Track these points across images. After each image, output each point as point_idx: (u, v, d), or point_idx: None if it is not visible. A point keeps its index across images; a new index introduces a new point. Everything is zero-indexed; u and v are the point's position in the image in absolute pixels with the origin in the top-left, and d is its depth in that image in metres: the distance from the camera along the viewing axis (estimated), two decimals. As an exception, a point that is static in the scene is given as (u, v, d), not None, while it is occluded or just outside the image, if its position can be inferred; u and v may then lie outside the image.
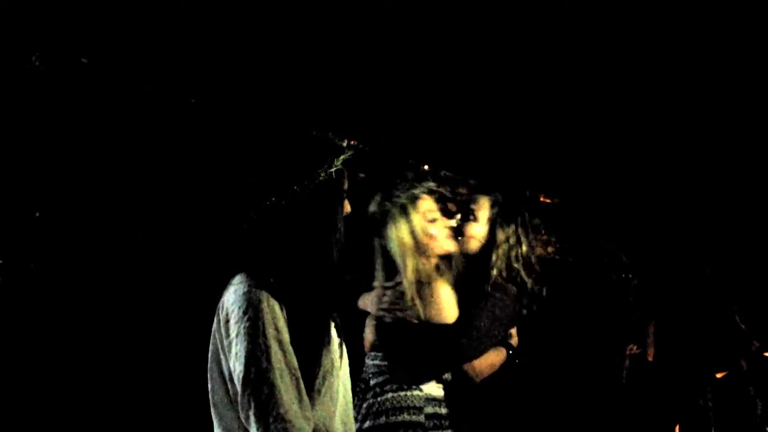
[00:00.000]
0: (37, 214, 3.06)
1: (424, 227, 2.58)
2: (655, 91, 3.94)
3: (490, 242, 2.76)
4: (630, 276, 4.02)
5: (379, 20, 3.54)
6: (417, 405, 2.39)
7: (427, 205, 2.61)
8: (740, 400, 3.93)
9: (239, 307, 1.78)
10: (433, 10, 3.50)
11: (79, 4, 3.26)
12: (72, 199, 3.15)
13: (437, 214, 2.63)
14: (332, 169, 1.99)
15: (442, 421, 2.45)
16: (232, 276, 1.87)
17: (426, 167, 3.87)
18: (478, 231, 2.77)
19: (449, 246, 2.64)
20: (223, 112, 3.53)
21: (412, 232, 2.55)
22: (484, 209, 2.79)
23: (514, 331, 2.80)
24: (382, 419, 2.34)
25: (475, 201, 2.82)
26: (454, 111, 3.97)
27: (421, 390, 2.42)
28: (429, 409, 2.42)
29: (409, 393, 2.40)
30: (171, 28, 3.42)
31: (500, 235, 2.74)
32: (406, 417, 2.36)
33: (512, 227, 2.77)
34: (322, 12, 3.51)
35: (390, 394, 2.40)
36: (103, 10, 3.30)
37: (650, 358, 4.08)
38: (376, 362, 2.49)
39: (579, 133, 4.06)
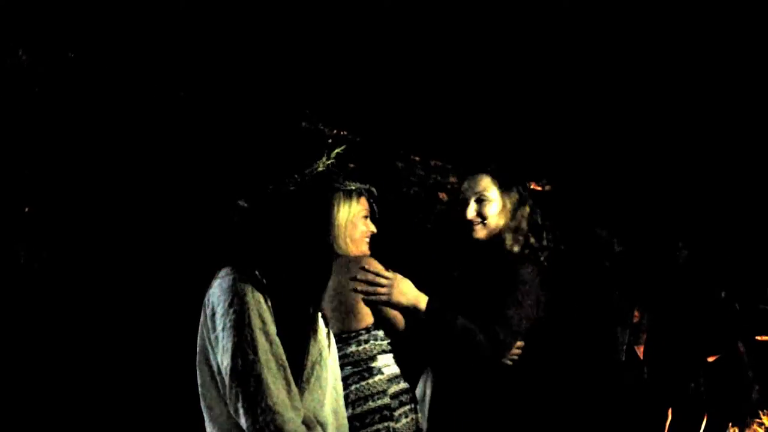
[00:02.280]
0: (26, 209, 3.06)
1: (354, 221, 2.54)
2: (649, 79, 3.93)
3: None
4: (614, 244, 4.02)
5: (369, 12, 3.53)
6: (381, 389, 2.41)
7: (363, 203, 2.56)
8: (733, 384, 3.95)
9: (225, 300, 1.79)
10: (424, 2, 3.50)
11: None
12: (58, 193, 3.15)
13: (364, 216, 2.58)
14: (327, 162, 2.00)
15: (406, 396, 2.48)
16: (218, 269, 1.87)
17: (416, 158, 3.86)
18: (495, 209, 2.77)
19: (364, 248, 2.60)
20: (215, 105, 3.52)
21: (346, 220, 2.53)
22: (491, 187, 2.79)
23: None
24: (349, 411, 2.35)
25: (476, 182, 2.80)
26: (445, 101, 3.96)
27: (382, 373, 2.44)
28: (393, 388, 2.45)
29: (371, 380, 2.41)
30: (160, 21, 3.41)
31: (507, 203, 2.76)
32: (371, 404, 2.37)
33: (515, 191, 2.79)
34: (314, 5, 3.49)
35: (353, 386, 2.39)
36: (90, 3, 3.29)
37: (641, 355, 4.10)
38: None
39: (570, 120, 4.06)
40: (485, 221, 2.76)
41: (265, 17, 3.52)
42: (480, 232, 2.76)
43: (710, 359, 3.98)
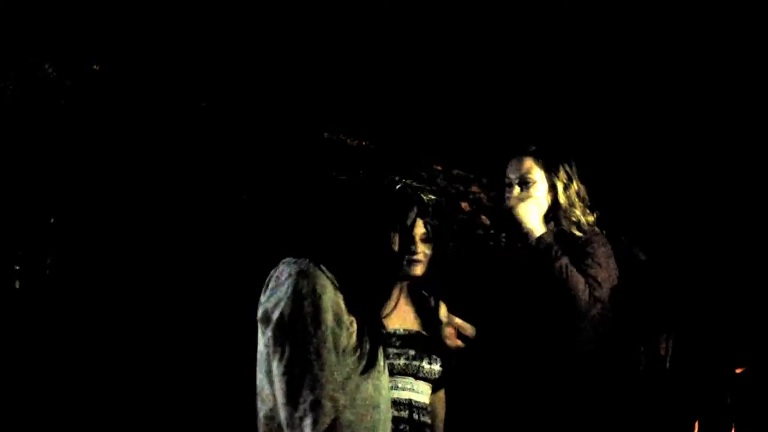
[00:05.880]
0: (52, 220, 3.12)
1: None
2: (670, 84, 3.90)
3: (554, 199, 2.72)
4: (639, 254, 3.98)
5: (390, 22, 3.56)
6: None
7: (420, 228, 2.46)
8: (761, 396, 3.88)
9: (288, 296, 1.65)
10: (436, 9, 3.51)
11: (90, 11, 3.30)
12: (84, 204, 3.21)
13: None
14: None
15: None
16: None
17: (438, 167, 3.86)
18: (540, 191, 2.71)
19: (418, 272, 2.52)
20: (237, 115, 3.57)
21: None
22: (534, 168, 2.71)
23: None
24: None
25: (519, 165, 2.72)
26: (468, 109, 3.96)
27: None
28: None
29: None
30: (185, 33, 3.46)
31: (555, 183, 2.71)
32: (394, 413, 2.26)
33: (561, 170, 2.73)
34: (333, 17, 3.53)
35: None
36: (117, 17, 3.35)
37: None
38: None
39: (590, 129, 4.03)
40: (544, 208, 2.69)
41: (286, 29, 3.56)
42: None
43: (738, 371, 3.92)
